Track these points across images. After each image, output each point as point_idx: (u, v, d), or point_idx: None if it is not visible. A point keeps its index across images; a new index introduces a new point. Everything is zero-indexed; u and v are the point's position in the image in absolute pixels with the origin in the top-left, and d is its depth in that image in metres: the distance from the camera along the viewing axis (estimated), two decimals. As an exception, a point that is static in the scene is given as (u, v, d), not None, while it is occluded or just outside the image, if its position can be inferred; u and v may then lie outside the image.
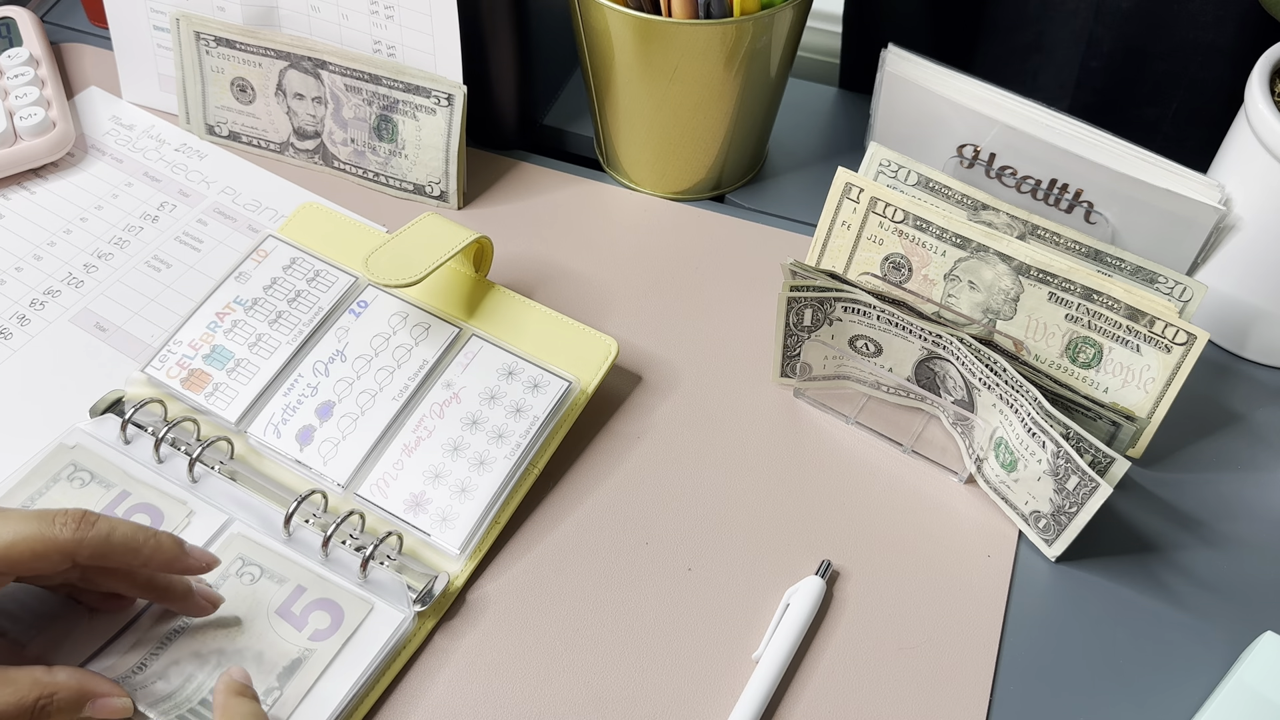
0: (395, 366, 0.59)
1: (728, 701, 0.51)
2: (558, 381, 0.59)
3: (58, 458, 0.56)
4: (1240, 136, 0.59)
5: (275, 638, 0.51)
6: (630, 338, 0.64)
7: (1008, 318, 0.58)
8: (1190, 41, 0.66)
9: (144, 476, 0.56)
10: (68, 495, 0.55)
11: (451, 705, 0.51)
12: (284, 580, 0.53)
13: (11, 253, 0.68)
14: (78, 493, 0.55)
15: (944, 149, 0.65)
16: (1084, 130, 0.60)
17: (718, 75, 0.64)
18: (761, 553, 0.56)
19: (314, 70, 0.70)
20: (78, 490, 0.55)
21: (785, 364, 0.62)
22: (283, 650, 0.51)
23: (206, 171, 0.73)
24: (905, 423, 0.61)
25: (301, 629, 0.51)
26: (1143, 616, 0.55)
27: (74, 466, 0.56)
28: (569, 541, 0.57)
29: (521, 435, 0.57)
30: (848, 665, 0.53)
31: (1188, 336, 0.55)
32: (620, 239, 0.70)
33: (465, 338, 0.61)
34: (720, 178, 0.72)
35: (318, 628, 0.51)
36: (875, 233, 0.59)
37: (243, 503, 0.56)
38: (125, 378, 0.61)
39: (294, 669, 0.50)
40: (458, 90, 0.67)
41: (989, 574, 0.56)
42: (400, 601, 0.53)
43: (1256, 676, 0.51)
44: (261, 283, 0.62)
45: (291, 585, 0.53)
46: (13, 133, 0.70)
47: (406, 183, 0.71)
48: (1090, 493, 0.52)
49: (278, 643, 0.51)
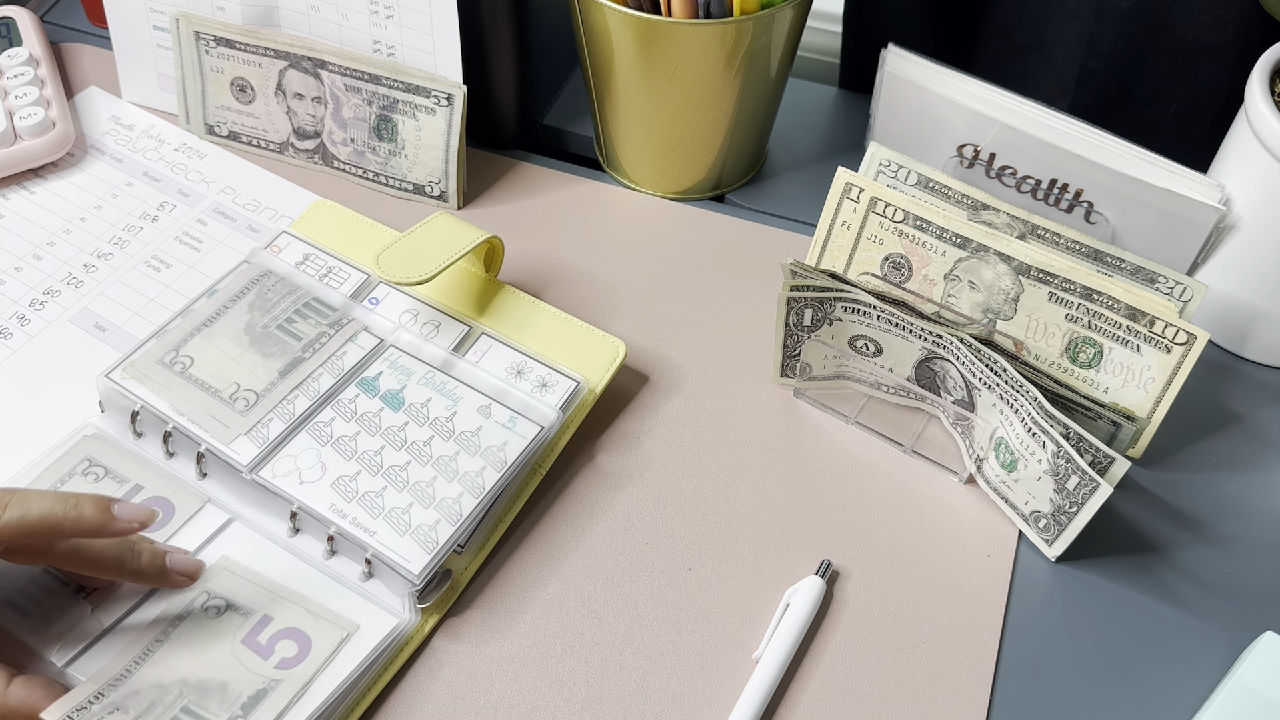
0: None
1: (728, 701, 0.51)
2: (566, 381, 0.59)
3: (77, 451, 0.57)
4: (1240, 136, 0.59)
5: (239, 667, 0.50)
6: (631, 337, 0.64)
7: (1008, 318, 0.58)
8: (1190, 41, 0.66)
9: (157, 469, 0.56)
10: (83, 490, 0.55)
11: (451, 705, 0.51)
12: (250, 612, 0.52)
13: (11, 253, 0.68)
14: (92, 488, 0.55)
15: (944, 149, 0.65)
16: (1084, 130, 0.60)
17: (718, 75, 0.64)
18: (761, 553, 0.56)
19: (314, 70, 0.70)
20: (92, 485, 0.55)
21: (785, 364, 0.62)
22: (248, 680, 0.50)
23: (206, 171, 0.73)
24: (905, 423, 0.61)
25: (267, 658, 0.50)
26: (1143, 616, 0.55)
27: (89, 461, 0.56)
28: (569, 541, 0.57)
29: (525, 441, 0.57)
30: (848, 665, 0.53)
31: (1188, 336, 0.55)
32: (620, 239, 0.70)
33: (475, 336, 0.61)
34: (720, 178, 0.72)
35: (284, 656, 0.50)
36: (875, 232, 0.59)
37: (250, 498, 0.56)
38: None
39: (258, 699, 0.49)
40: (458, 90, 0.67)
41: (989, 574, 0.56)
42: (401, 601, 0.53)
43: (1256, 676, 0.51)
44: None
45: (258, 615, 0.51)
46: (12, 132, 0.70)
47: (406, 183, 0.71)
48: (1090, 493, 0.52)
49: (242, 673, 0.50)
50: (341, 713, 0.50)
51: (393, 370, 0.59)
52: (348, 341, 0.60)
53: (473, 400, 0.58)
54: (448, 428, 0.57)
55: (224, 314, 0.60)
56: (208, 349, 0.59)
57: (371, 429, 0.57)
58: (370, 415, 0.57)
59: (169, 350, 0.59)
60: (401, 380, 0.59)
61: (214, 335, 0.59)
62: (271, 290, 0.62)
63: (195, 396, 0.57)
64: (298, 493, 0.54)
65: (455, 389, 0.58)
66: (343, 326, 0.61)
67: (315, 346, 0.60)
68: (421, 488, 0.55)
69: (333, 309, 0.61)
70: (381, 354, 0.60)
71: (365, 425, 0.57)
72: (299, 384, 0.58)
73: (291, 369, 0.58)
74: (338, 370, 0.59)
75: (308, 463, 0.55)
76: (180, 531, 0.55)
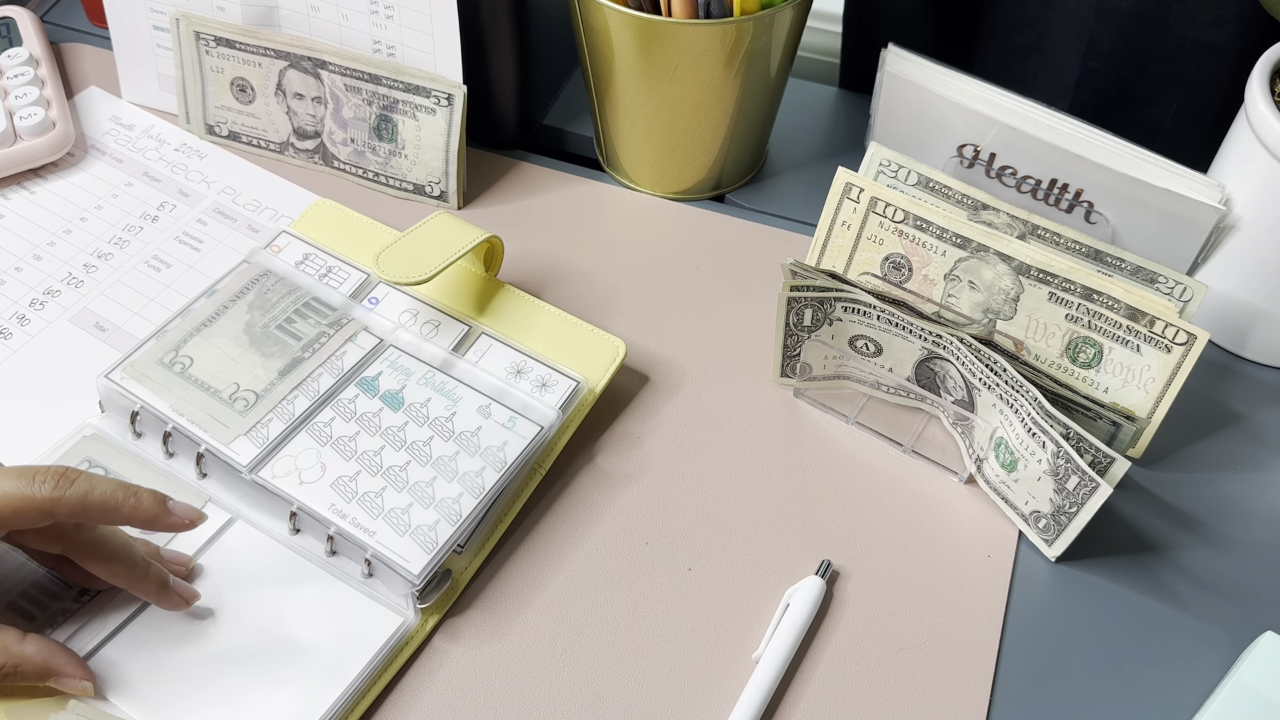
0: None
1: (728, 701, 0.51)
2: (566, 381, 0.59)
3: (76, 451, 0.57)
4: (1240, 136, 0.59)
5: None
6: (631, 337, 0.64)
7: (1008, 318, 0.58)
8: (1190, 41, 0.66)
9: (157, 469, 0.57)
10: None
11: (451, 705, 0.51)
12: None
13: (11, 253, 0.68)
14: None
15: (944, 149, 0.65)
16: (1084, 130, 0.60)
17: (718, 75, 0.64)
18: (761, 553, 0.56)
19: (314, 70, 0.70)
20: None
21: (785, 364, 0.62)
22: None
23: (206, 171, 0.73)
24: (905, 423, 0.61)
25: None
26: (1143, 616, 0.55)
27: (88, 461, 0.56)
28: (569, 541, 0.57)
29: (525, 441, 0.57)
30: (848, 665, 0.53)
31: (1188, 336, 0.55)
32: (620, 239, 0.70)
33: (475, 335, 0.61)
34: (720, 178, 0.72)
35: None
36: (875, 233, 0.59)
37: (249, 498, 0.56)
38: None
39: None
40: (458, 90, 0.67)
41: (989, 574, 0.56)
42: (402, 601, 0.53)
43: (1256, 676, 0.51)
44: None
45: None
46: (12, 132, 0.70)
47: (406, 182, 0.71)
48: (1090, 493, 0.52)
49: None
50: (341, 712, 0.50)
51: (392, 370, 0.59)
52: (347, 341, 0.60)
53: (472, 400, 0.58)
54: (447, 428, 0.57)
55: (224, 314, 0.60)
56: (207, 349, 0.59)
57: (371, 429, 0.57)
58: (370, 415, 0.57)
59: (169, 350, 0.59)
60: (401, 380, 0.59)
61: (214, 335, 0.59)
62: (271, 290, 0.62)
63: (195, 397, 0.57)
64: (297, 493, 0.54)
65: (455, 389, 0.58)
66: (342, 326, 0.61)
67: (315, 346, 0.60)
68: (421, 488, 0.55)
69: (332, 309, 0.61)
70: (381, 354, 0.60)
71: (365, 425, 0.57)
72: (299, 384, 0.58)
73: (291, 369, 0.58)
74: (337, 370, 0.59)
75: (307, 463, 0.55)
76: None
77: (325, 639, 0.52)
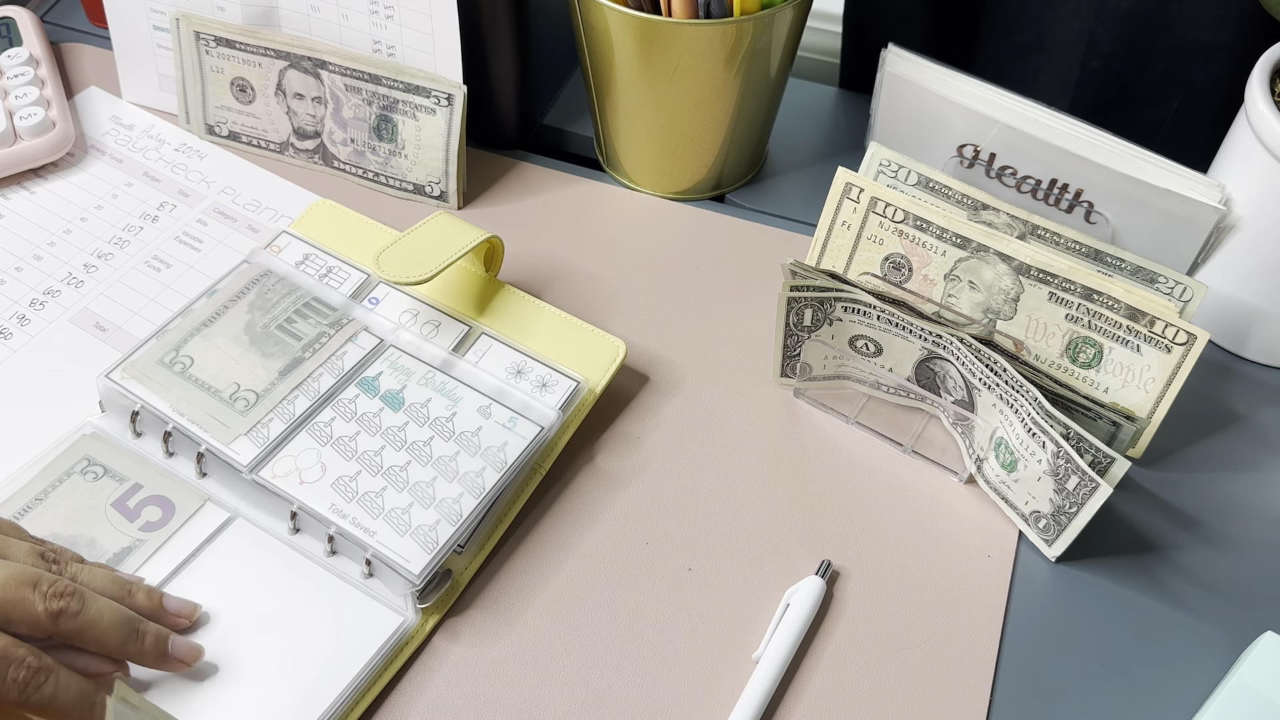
0: None
1: (728, 701, 0.51)
2: (566, 381, 0.59)
3: (76, 450, 0.57)
4: (1240, 136, 0.59)
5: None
6: (631, 337, 0.64)
7: (1008, 318, 0.58)
8: (1190, 41, 0.66)
9: (156, 467, 0.57)
10: (81, 490, 0.55)
11: (451, 705, 0.51)
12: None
13: (11, 253, 0.68)
14: (91, 487, 0.55)
15: (944, 149, 0.65)
16: (1084, 130, 0.60)
17: (718, 75, 0.64)
18: (761, 553, 0.56)
19: (314, 70, 0.70)
20: (91, 484, 0.55)
21: (785, 364, 0.62)
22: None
23: (206, 171, 0.73)
24: (905, 423, 0.61)
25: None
26: (1143, 616, 0.55)
27: (87, 460, 0.56)
28: (569, 541, 0.57)
29: (525, 442, 0.57)
30: (848, 665, 0.53)
31: (1188, 336, 0.55)
32: (620, 239, 0.70)
33: (475, 335, 0.61)
34: (720, 178, 0.72)
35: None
36: (875, 233, 0.59)
37: (250, 498, 0.56)
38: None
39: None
40: (458, 90, 0.67)
41: (989, 574, 0.56)
42: (402, 601, 0.53)
43: (1256, 676, 0.51)
44: None
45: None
46: (12, 133, 0.70)
47: (406, 183, 0.71)
48: (1090, 493, 0.52)
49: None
50: (341, 712, 0.50)
51: (393, 370, 0.59)
52: (348, 341, 0.60)
53: (473, 400, 0.58)
54: (448, 428, 0.57)
55: (224, 314, 0.60)
56: (208, 349, 0.59)
57: (371, 429, 0.57)
58: (370, 415, 0.57)
59: (169, 350, 0.59)
60: (401, 380, 0.59)
61: (214, 335, 0.59)
62: (271, 290, 0.62)
63: (195, 396, 0.57)
64: (298, 493, 0.54)
65: (455, 389, 0.58)
66: (343, 326, 0.61)
67: (315, 346, 0.60)
68: (421, 488, 0.55)
69: (333, 309, 0.61)
70: (381, 354, 0.60)
71: (365, 425, 0.57)
72: (299, 384, 0.58)
73: (291, 369, 0.58)
74: (338, 370, 0.59)
75: (308, 463, 0.55)
76: (181, 530, 0.55)
77: (325, 638, 0.52)
